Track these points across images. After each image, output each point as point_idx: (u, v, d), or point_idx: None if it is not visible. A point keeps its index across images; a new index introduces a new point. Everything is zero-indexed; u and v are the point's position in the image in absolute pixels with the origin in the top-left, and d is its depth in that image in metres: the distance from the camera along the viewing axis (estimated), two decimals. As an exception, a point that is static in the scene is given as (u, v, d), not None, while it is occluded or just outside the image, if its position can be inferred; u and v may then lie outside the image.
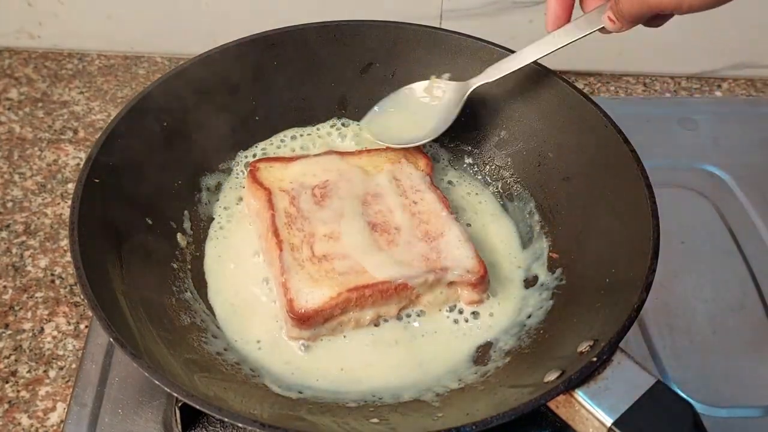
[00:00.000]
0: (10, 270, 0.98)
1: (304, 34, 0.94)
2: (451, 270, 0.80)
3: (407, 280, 0.78)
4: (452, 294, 0.82)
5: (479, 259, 0.81)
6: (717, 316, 0.93)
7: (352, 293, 0.76)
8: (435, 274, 0.79)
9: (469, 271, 0.80)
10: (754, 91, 1.31)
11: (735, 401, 0.86)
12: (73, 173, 1.11)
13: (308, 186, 0.87)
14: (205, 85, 0.90)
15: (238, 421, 0.60)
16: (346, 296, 0.76)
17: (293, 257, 0.80)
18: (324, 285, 0.77)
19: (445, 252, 0.81)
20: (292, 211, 0.84)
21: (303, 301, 0.76)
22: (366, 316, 0.79)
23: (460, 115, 0.90)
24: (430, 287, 0.80)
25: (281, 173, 0.88)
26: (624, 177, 0.78)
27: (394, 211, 0.85)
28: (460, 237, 0.83)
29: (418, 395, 0.74)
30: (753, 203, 1.06)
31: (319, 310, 0.76)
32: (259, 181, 0.87)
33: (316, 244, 0.81)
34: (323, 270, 0.79)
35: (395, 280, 0.78)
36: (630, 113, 1.18)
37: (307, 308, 0.76)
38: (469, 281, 0.80)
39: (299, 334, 0.78)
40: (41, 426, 0.83)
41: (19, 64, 1.30)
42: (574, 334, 0.70)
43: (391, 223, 0.84)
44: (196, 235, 0.88)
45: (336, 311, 0.77)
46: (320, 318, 0.77)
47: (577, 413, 0.62)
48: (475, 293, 0.81)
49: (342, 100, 0.98)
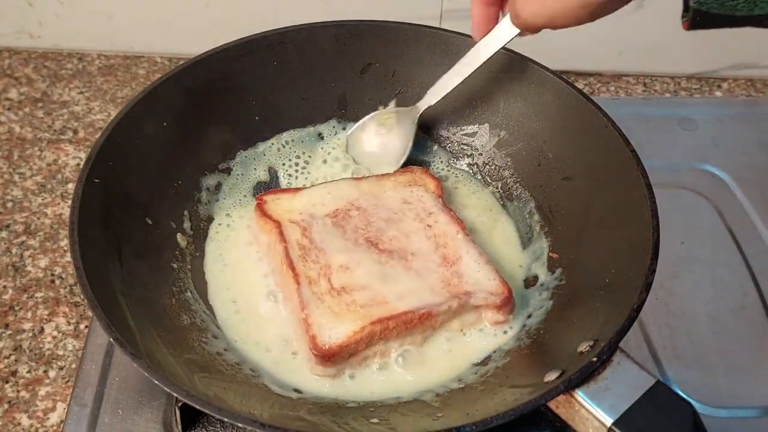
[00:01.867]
0: (10, 270, 0.98)
1: (304, 34, 0.94)
2: (475, 294, 0.77)
3: (431, 308, 0.75)
4: (477, 317, 0.79)
5: (502, 280, 0.79)
6: (717, 317, 0.93)
7: (376, 326, 0.73)
8: (459, 300, 0.77)
9: (492, 293, 0.78)
10: (754, 91, 1.31)
11: (735, 401, 0.86)
12: (73, 173, 1.11)
13: (319, 216, 0.85)
14: (205, 85, 0.90)
15: (238, 421, 0.60)
16: (370, 330, 0.73)
17: (312, 291, 0.77)
18: (346, 319, 0.74)
19: (466, 276, 0.79)
20: (304, 242, 0.81)
21: (326, 336, 0.73)
22: (391, 349, 0.76)
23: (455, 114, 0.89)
24: (455, 314, 0.77)
25: (289, 204, 0.86)
26: (624, 177, 0.78)
27: (410, 236, 0.83)
28: (479, 259, 0.81)
29: (418, 395, 0.74)
30: (753, 203, 1.06)
31: (344, 345, 0.73)
32: (268, 214, 0.85)
33: (333, 275, 0.78)
34: (344, 303, 0.75)
35: (419, 310, 0.75)
36: (630, 113, 1.18)
37: (331, 344, 0.73)
38: (495, 304, 0.77)
39: (324, 372, 0.74)
40: (41, 426, 0.83)
41: (19, 64, 1.30)
42: (574, 334, 0.70)
43: (407, 249, 0.81)
44: (196, 235, 0.88)
45: (361, 346, 0.74)
46: (345, 354, 0.74)
47: (577, 413, 0.62)
48: (500, 315, 0.78)
49: (342, 100, 0.98)
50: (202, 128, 0.90)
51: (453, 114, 0.97)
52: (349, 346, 0.73)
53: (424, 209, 0.86)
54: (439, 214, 0.86)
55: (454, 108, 0.97)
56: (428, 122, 0.99)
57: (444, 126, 0.98)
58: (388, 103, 0.96)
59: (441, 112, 0.98)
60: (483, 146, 0.96)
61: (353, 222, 0.84)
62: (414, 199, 0.88)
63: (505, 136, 0.94)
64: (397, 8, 1.20)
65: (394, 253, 0.81)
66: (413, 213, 0.86)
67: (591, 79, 1.31)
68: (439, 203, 0.87)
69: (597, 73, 1.32)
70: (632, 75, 1.32)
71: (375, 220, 0.85)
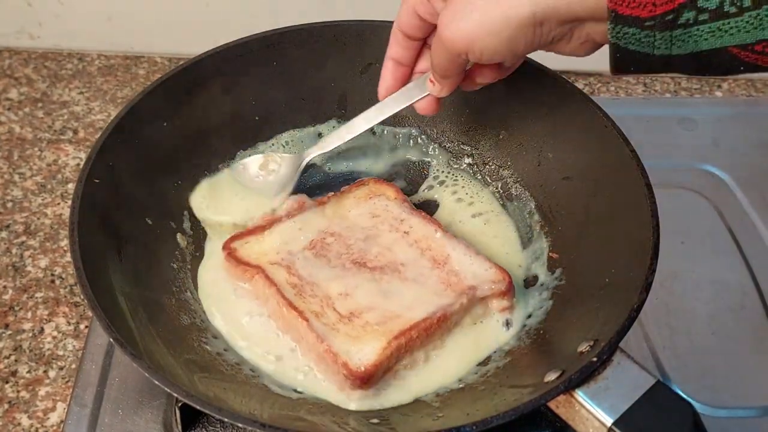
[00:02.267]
0: (10, 270, 0.98)
1: (304, 34, 0.94)
2: (479, 287, 0.78)
3: (444, 310, 0.75)
4: (485, 308, 0.79)
5: (498, 267, 0.80)
6: (717, 317, 0.93)
7: (400, 339, 0.72)
8: (466, 295, 0.77)
9: (494, 281, 0.78)
10: (754, 91, 1.31)
11: (735, 401, 0.86)
12: (73, 173, 1.11)
13: (297, 251, 0.82)
14: (205, 85, 0.90)
15: (238, 421, 0.60)
16: (396, 344, 0.72)
17: (322, 323, 0.74)
18: (368, 340, 0.73)
19: (462, 272, 0.79)
20: (294, 281, 0.79)
21: (356, 359, 0.71)
22: (418, 359, 0.75)
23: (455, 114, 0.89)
24: (467, 309, 0.78)
25: (260, 246, 0.83)
26: (624, 177, 0.78)
27: (392, 248, 0.82)
28: (468, 252, 0.81)
29: (418, 395, 0.74)
30: (753, 203, 1.06)
31: (378, 363, 0.71)
32: (245, 261, 0.81)
33: (337, 304, 0.76)
34: (359, 326, 0.74)
35: (434, 315, 0.75)
36: (630, 113, 1.18)
37: (366, 365, 0.71)
38: (500, 291, 0.78)
39: (363, 395, 0.73)
40: (41, 426, 0.83)
41: (19, 64, 1.30)
42: (574, 334, 0.70)
43: (396, 261, 0.81)
44: (196, 235, 0.87)
45: (392, 361, 0.73)
46: (380, 372, 0.72)
47: (577, 413, 0.62)
48: (505, 300, 0.79)
49: (342, 100, 0.98)
50: (202, 128, 0.90)
51: (453, 114, 0.97)
52: (382, 363, 0.72)
53: (395, 218, 0.85)
54: (411, 219, 0.85)
55: (454, 108, 0.97)
56: (428, 122, 0.99)
57: (444, 126, 0.98)
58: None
59: (441, 112, 0.97)
60: (483, 146, 0.96)
61: (333, 249, 0.82)
62: (380, 211, 0.87)
63: (505, 136, 0.94)
64: (397, 8, 1.20)
65: (385, 268, 0.80)
66: (386, 225, 0.85)
67: (591, 79, 1.31)
68: (405, 208, 0.87)
69: (597, 73, 1.32)
70: (632, 75, 1.32)
71: (353, 242, 0.83)
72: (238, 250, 0.82)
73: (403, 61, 0.79)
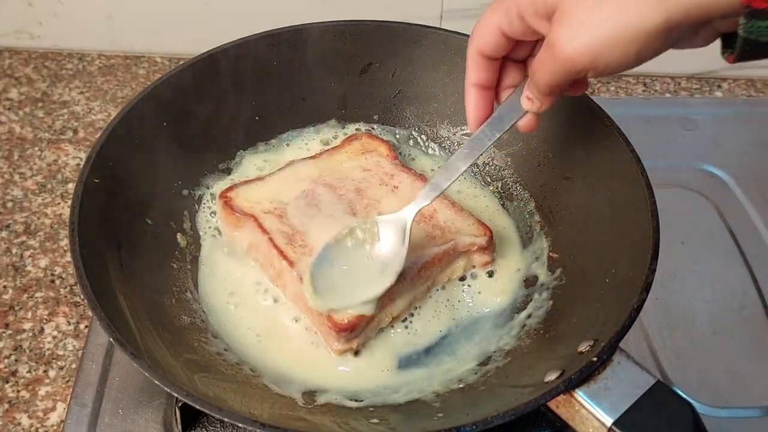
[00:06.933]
0: (10, 270, 0.98)
1: (304, 34, 0.94)
2: (460, 240, 0.82)
3: (425, 259, 0.79)
4: (467, 261, 0.84)
5: (480, 222, 0.84)
6: (717, 316, 0.93)
7: None
8: (447, 247, 0.81)
9: (476, 235, 0.83)
10: (754, 91, 1.31)
11: (735, 401, 0.86)
12: (73, 173, 1.11)
13: (289, 200, 0.85)
14: (205, 85, 0.90)
15: (238, 421, 0.60)
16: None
17: None
18: None
19: (446, 227, 0.83)
20: (286, 229, 0.81)
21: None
22: (399, 307, 0.79)
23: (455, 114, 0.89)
24: (448, 262, 0.82)
25: (255, 195, 0.85)
26: (624, 177, 0.78)
27: (381, 200, 0.86)
28: (452, 208, 0.85)
29: (418, 395, 0.74)
30: (753, 203, 1.06)
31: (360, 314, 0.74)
32: (239, 209, 0.83)
33: None
34: None
35: (415, 265, 0.78)
36: (630, 113, 1.18)
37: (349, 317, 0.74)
38: (481, 245, 0.82)
39: (348, 345, 0.76)
40: (41, 426, 0.83)
41: (19, 64, 1.30)
42: (574, 334, 0.70)
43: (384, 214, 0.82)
44: (196, 235, 0.88)
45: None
46: (364, 322, 0.75)
47: (577, 413, 0.62)
48: (486, 255, 0.84)
49: (342, 100, 0.98)
50: (202, 128, 0.90)
51: (453, 114, 0.97)
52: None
53: (385, 173, 0.89)
54: (401, 175, 0.89)
55: (454, 108, 0.97)
56: (428, 122, 0.99)
57: (444, 126, 0.98)
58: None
59: (441, 112, 0.98)
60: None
61: (325, 199, 0.85)
62: (372, 165, 0.90)
63: (504, 136, 0.94)
64: (397, 8, 1.20)
65: None
66: (377, 179, 0.88)
67: (591, 79, 1.31)
68: (397, 164, 0.90)
69: (597, 73, 1.32)
70: (632, 75, 1.32)
71: (345, 192, 0.86)
72: (233, 199, 0.85)
73: (488, 84, 0.72)
